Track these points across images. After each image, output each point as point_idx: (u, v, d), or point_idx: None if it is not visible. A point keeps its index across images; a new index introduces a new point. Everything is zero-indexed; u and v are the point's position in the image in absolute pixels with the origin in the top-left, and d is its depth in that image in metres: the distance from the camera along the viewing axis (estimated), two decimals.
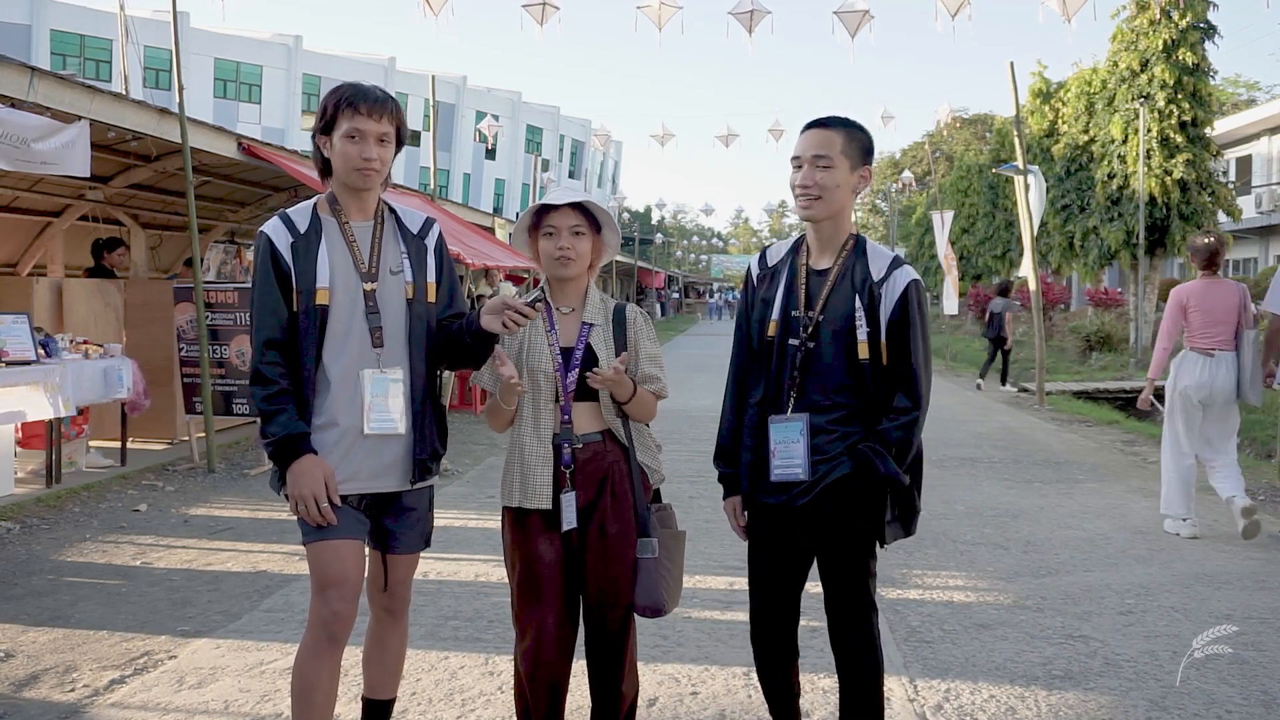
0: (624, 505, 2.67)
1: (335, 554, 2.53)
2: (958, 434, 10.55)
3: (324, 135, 2.59)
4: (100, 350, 7.49)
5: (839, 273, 2.62)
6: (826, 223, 2.64)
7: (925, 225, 35.50)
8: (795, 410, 2.61)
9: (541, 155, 39.61)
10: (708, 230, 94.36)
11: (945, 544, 5.81)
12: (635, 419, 2.74)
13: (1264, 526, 5.91)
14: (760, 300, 2.73)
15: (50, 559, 5.29)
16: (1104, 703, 3.52)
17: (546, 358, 2.68)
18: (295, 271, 2.54)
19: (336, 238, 2.60)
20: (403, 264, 2.65)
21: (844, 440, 2.58)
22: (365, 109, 2.53)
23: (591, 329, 2.71)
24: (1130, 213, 20.84)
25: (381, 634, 2.79)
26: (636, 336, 2.75)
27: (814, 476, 2.57)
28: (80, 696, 3.48)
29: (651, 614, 2.68)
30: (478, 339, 2.59)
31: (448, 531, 5.72)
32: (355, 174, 2.56)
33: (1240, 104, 40.53)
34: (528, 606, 2.66)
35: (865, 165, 2.62)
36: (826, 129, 2.60)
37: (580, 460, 2.65)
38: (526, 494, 2.65)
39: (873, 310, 2.56)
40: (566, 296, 2.76)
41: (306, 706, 2.54)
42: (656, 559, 2.67)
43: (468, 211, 16.59)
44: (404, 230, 2.70)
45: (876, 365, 2.56)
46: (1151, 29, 20.16)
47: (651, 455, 2.80)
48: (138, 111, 7.37)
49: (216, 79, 39.89)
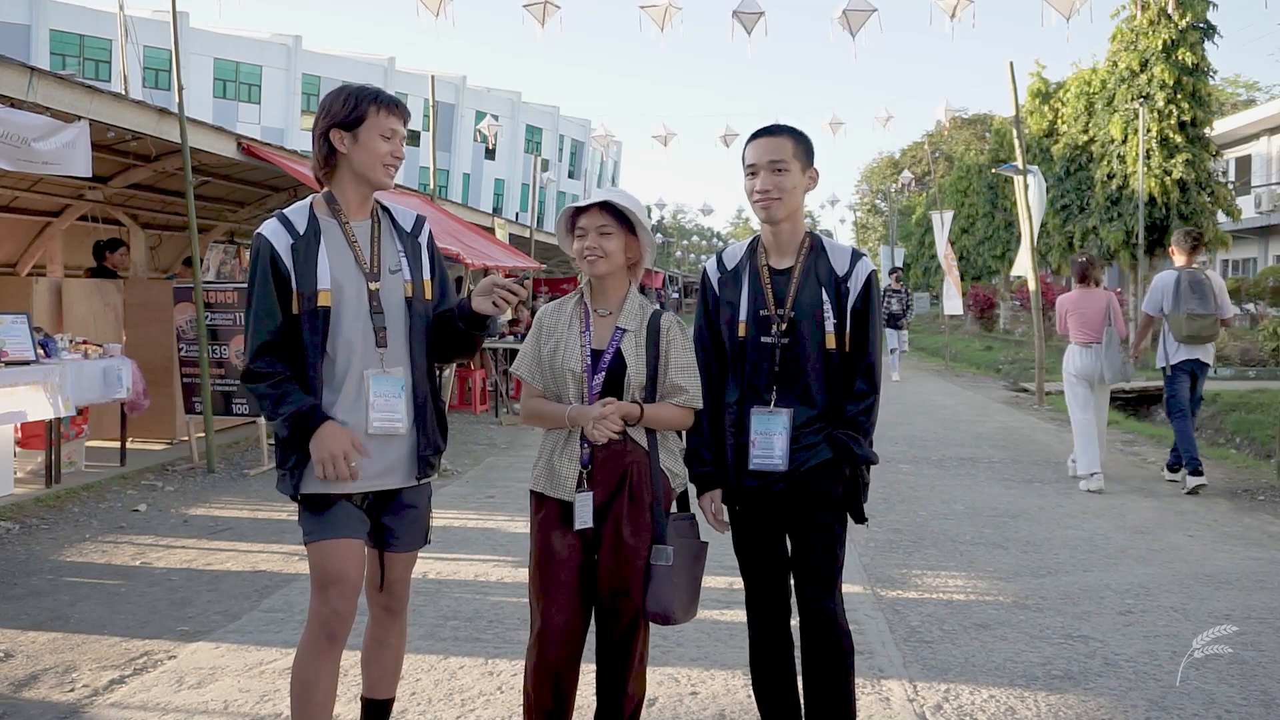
0: (641, 507, 2.68)
1: (336, 552, 2.53)
2: (958, 434, 10.55)
3: (343, 130, 2.57)
4: (100, 350, 7.48)
5: (803, 270, 2.76)
6: (785, 224, 2.77)
7: (925, 225, 35.52)
8: (777, 405, 2.72)
9: (541, 155, 39.60)
10: (707, 230, 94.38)
11: (945, 544, 5.81)
12: (661, 429, 2.76)
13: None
14: (725, 302, 2.82)
15: (50, 559, 5.29)
16: (1104, 703, 3.52)
17: (577, 357, 2.71)
18: (295, 274, 2.53)
19: (337, 238, 2.60)
20: (400, 262, 2.66)
21: (820, 432, 2.72)
22: (399, 112, 2.61)
23: (624, 334, 2.73)
24: (1130, 213, 20.84)
25: (380, 634, 2.79)
26: (668, 346, 2.75)
27: (792, 466, 2.69)
28: (80, 696, 3.48)
29: (661, 621, 2.69)
30: (470, 322, 2.62)
31: (448, 531, 5.72)
32: (382, 170, 2.60)
33: (1240, 104, 40.53)
34: (541, 596, 2.70)
35: (812, 167, 2.78)
36: (776, 136, 2.76)
37: (599, 459, 2.67)
38: (552, 483, 2.71)
39: (839, 302, 2.72)
40: (605, 299, 2.78)
41: (306, 705, 2.55)
42: (670, 567, 2.67)
43: (467, 211, 16.59)
44: (399, 228, 2.72)
45: (841, 354, 2.73)
46: (1151, 29, 20.16)
47: (675, 460, 2.80)
48: (137, 111, 7.37)
49: (216, 79, 39.89)
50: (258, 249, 2.56)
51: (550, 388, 2.77)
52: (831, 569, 2.71)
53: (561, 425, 2.70)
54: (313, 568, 2.57)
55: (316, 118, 2.63)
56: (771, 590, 2.81)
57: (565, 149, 55.58)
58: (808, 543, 2.72)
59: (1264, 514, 6.71)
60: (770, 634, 2.82)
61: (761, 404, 2.73)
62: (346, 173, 2.61)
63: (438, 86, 16.37)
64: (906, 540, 5.86)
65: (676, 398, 2.73)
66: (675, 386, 2.73)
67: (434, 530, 2.82)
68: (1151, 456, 9.12)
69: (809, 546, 2.72)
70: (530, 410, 2.80)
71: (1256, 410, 11.77)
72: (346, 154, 2.58)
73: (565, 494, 2.68)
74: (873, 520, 2.88)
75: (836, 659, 2.70)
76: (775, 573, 2.80)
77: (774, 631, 2.82)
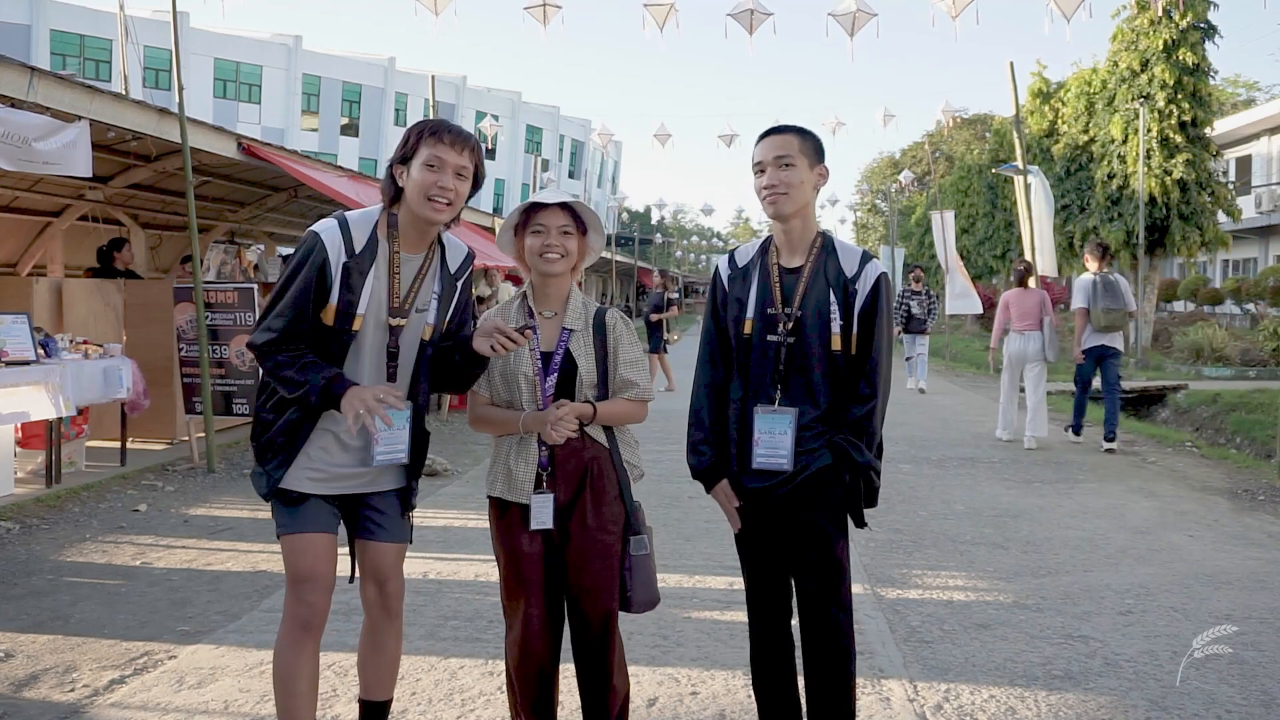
0: (603, 500, 2.70)
1: (308, 547, 2.56)
2: (958, 434, 10.55)
3: (401, 165, 2.56)
4: (100, 350, 7.48)
5: (812, 269, 2.74)
6: (795, 221, 2.75)
7: (925, 225, 35.49)
8: (782, 404, 2.70)
9: (541, 155, 39.64)
10: (707, 230, 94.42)
11: (945, 544, 5.80)
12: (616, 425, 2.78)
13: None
14: (734, 300, 2.81)
15: (50, 559, 5.29)
16: (1104, 703, 3.52)
17: (527, 361, 2.72)
18: (340, 291, 2.52)
19: (384, 265, 2.58)
20: (430, 304, 2.66)
21: (823, 435, 2.70)
22: (449, 139, 2.53)
23: (571, 334, 2.74)
24: (1130, 213, 20.85)
25: (377, 637, 2.79)
26: (615, 343, 2.78)
27: (796, 467, 2.67)
28: (80, 696, 3.48)
29: (648, 608, 2.75)
30: (467, 358, 2.63)
31: (448, 531, 5.69)
32: (427, 204, 2.53)
33: (1240, 104, 40.52)
34: (513, 599, 2.73)
35: (821, 164, 2.77)
36: (782, 134, 2.74)
37: (559, 459, 2.69)
38: (510, 488, 2.72)
39: (847, 304, 2.70)
40: (549, 300, 2.79)
41: (289, 696, 2.57)
42: (649, 555, 2.73)
43: (468, 211, 16.57)
44: (445, 269, 2.71)
45: (847, 356, 2.70)
46: (1152, 29, 20.17)
47: (631, 451, 2.84)
48: (138, 111, 7.37)
49: (216, 79, 39.89)
50: (311, 247, 2.52)
51: (500, 394, 2.76)
52: (834, 575, 2.70)
53: (513, 431, 2.71)
54: (286, 563, 2.60)
55: None
56: (772, 591, 2.80)
57: (565, 149, 55.59)
58: (809, 549, 2.71)
59: (1264, 514, 6.71)
60: (770, 634, 2.82)
61: (767, 402, 2.72)
62: (405, 208, 2.60)
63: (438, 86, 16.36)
64: (906, 540, 5.86)
65: (628, 392, 2.76)
66: (625, 381, 2.76)
67: (434, 530, 2.82)
68: (1152, 456, 9.12)
69: (811, 553, 2.70)
70: (478, 416, 2.80)
71: (1256, 410, 11.77)
72: (404, 188, 2.57)
73: (524, 498, 2.69)
74: (873, 520, 2.87)
75: (838, 663, 2.70)
76: (776, 574, 2.79)
77: (774, 632, 2.82)
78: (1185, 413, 13.57)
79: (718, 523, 5.51)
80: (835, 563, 2.70)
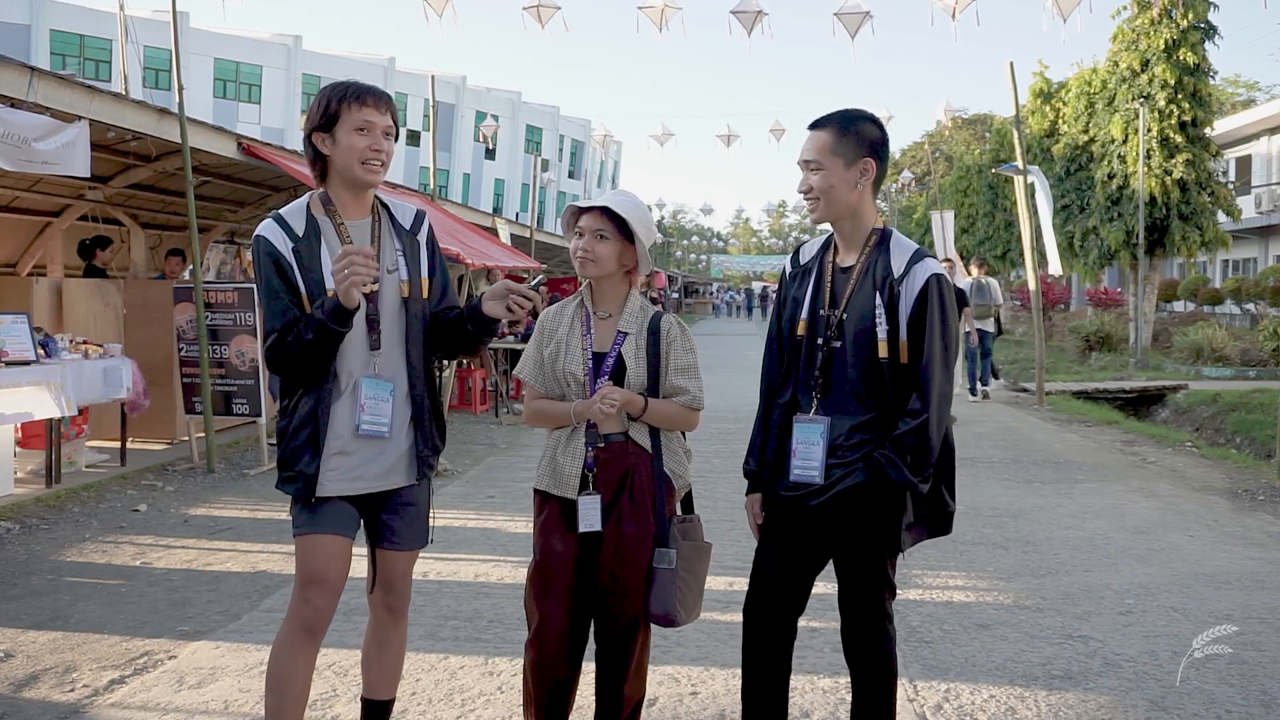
0: (642, 508, 2.68)
1: (322, 550, 2.53)
2: (957, 434, 10.48)
3: (323, 132, 2.54)
4: (100, 350, 7.48)
5: (862, 269, 2.57)
6: (844, 222, 2.62)
7: (925, 225, 35.49)
8: (819, 412, 2.60)
9: (541, 155, 39.58)
10: (708, 230, 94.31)
11: (945, 544, 5.79)
12: (663, 429, 2.76)
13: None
14: (791, 299, 2.72)
15: (50, 559, 5.29)
16: (1104, 703, 3.52)
17: (579, 361, 2.72)
18: (302, 278, 2.50)
19: (333, 237, 2.56)
20: (398, 262, 2.63)
21: (862, 448, 2.53)
22: (372, 102, 2.52)
23: (626, 337, 2.73)
24: (1130, 213, 20.84)
25: (382, 635, 2.77)
26: (668, 348, 2.75)
27: (827, 481, 2.56)
28: (80, 696, 3.48)
29: (664, 623, 2.70)
30: (479, 325, 2.60)
31: (448, 531, 5.71)
32: (363, 167, 2.53)
33: (1240, 104, 40.52)
34: (540, 596, 2.72)
35: (865, 157, 2.55)
36: (817, 130, 2.59)
37: (602, 460, 2.69)
38: (556, 481, 2.73)
39: (892, 307, 2.49)
40: (604, 301, 2.78)
41: (280, 698, 2.54)
42: (673, 570, 2.68)
43: (467, 211, 16.59)
44: (398, 226, 2.68)
45: (895, 364, 2.50)
46: (1152, 29, 20.16)
47: (679, 461, 2.80)
48: (137, 111, 7.36)
49: (216, 79, 39.87)
50: (259, 252, 2.53)
51: (553, 390, 2.78)
52: (871, 596, 2.62)
53: (566, 422, 2.71)
54: (298, 563, 2.57)
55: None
56: (773, 591, 2.73)
57: (565, 149, 55.56)
58: (846, 570, 2.65)
59: (1264, 514, 6.71)
60: (764, 634, 2.75)
61: (805, 410, 2.62)
62: (335, 174, 2.58)
63: (438, 86, 16.36)
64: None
65: (679, 398, 2.73)
66: (676, 388, 2.73)
67: (435, 530, 2.81)
68: (1151, 456, 9.12)
69: (847, 575, 2.65)
70: (534, 411, 2.81)
71: (1256, 410, 11.78)
72: (330, 155, 2.55)
73: (569, 492, 2.70)
74: None
75: (882, 678, 2.66)
76: (785, 579, 2.70)
77: (768, 632, 2.75)
78: (1185, 413, 13.59)
79: (718, 522, 5.51)
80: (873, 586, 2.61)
